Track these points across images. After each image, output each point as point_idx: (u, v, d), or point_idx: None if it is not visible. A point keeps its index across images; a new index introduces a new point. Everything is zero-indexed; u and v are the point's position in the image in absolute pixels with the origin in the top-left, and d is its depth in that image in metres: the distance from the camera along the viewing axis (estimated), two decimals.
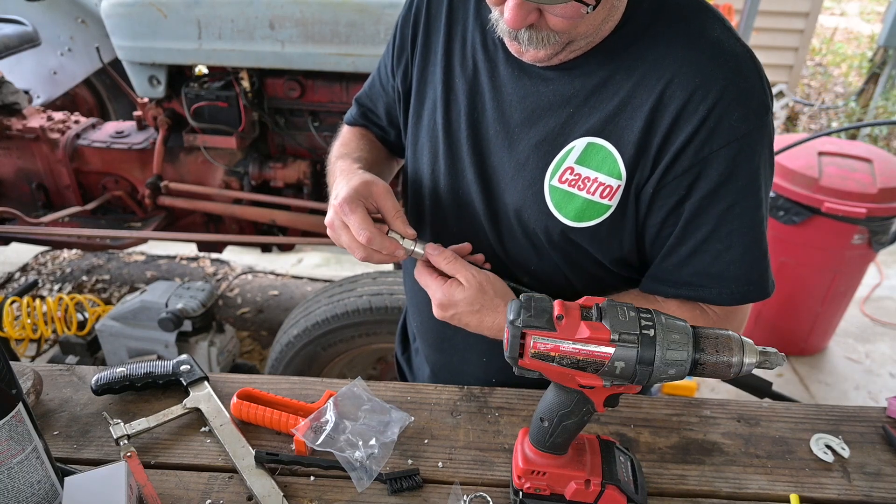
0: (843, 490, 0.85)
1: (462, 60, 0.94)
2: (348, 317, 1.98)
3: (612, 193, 0.84)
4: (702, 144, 0.79)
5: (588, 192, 0.85)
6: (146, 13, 2.16)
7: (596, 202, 0.85)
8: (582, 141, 0.84)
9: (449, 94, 0.95)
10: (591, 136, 0.83)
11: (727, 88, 0.77)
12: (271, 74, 2.29)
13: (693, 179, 0.81)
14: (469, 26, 0.94)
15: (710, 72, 0.78)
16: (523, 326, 0.68)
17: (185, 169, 2.54)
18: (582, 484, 0.77)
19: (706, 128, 0.78)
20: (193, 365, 0.99)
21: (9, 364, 0.69)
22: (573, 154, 0.85)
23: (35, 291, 3.27)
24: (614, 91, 0.82)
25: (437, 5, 0.97)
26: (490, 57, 0.92)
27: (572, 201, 0.86)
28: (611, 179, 0.83)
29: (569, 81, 0.85)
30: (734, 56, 0.79)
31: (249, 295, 3.40)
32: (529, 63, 0.86)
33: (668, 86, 0.79)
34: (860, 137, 4.94)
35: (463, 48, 0.94)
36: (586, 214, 0.86)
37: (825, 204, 2.44)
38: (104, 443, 0.89)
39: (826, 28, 7.94)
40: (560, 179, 0.86)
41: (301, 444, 0.86)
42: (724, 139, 0.78)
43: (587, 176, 0.84)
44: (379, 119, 1.13)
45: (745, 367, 0.67)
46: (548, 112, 0.86)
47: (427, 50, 0.98)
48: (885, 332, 3.13)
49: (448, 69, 0.95)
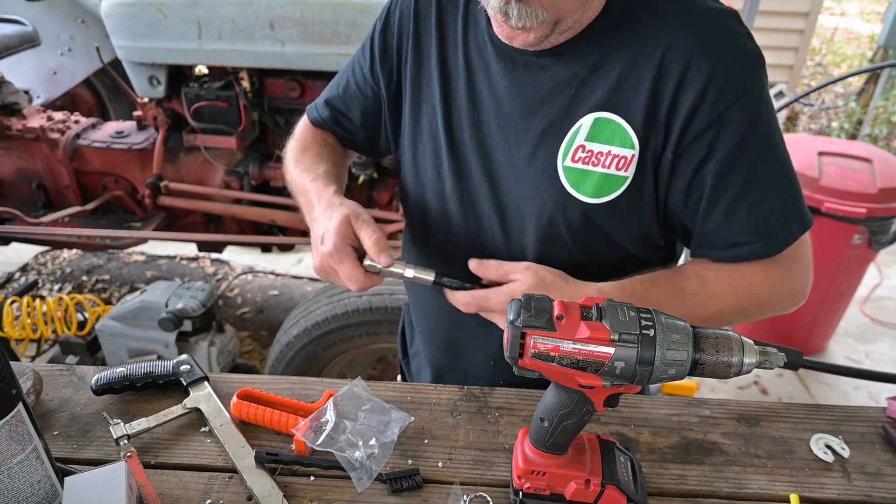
0: (843, 490, 0.85)
1: (456, 63, 0.94)
2: (348, 317, 1.98)
3: (627, 164, 0.84)
4: (714, 103, 0.80)
5: (603, 165, 0.85)
6: (146, 13, 2.16)
7: (612, 175, 0.85)
8: (588, 118, 0.84)
9: (447, 97, 0.95)
10: (597, 111, 0.84)
11: (725, 47, 0.80)
12: (271, 74, 2.29)
13: (713, 138, 0.82)
14: (459, 29, 0.94)
15: (706, 34, 0.81)
16: (523, 326, 0.68)
17: (185, 169, 2.54)
18: (582, 484, 0.77)
19: (714, 86, 0.80)
20: (193, 365, 0.99)
21: (9, 364, 0.69)
22: (582, 132, 0.85)
23: (35, 291, 3.27)
24: (612, 66, 0.83)
25: (426, 11, 0.97)
26: (483, 55, 0.92)
27: (589, 178, 0.86)
28: (624, 150, 0.84)
29: (564, 66, 0.86)
30: (723, 15, 0.82)
31: (249, 295, 3.40)
32: (521, 51, 0.86)
33: (667, 52, 0.81)
34: (860, 138, 4.94)
35: (456, 51, 0.95)
36: (605, 189, 0.86)
37: (825, 204, 2.44)
38: (104, 443, 0.89)
39: (826, 28, 7.94)
40: (573, 159, 0.86)
41: (301, 444, 0.86)
42: (734, 94, 0.80)
43: (600, 151, 0.85)
44: (351, 123, 1.10)
45: (745, 367, 0.67)
46: (549, 98, 0.87)
47: (419, 56, 0.98)
48: (885, 332, 3.13)
49: (444, 73, 0.95)
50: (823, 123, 5.44)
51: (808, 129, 5.39)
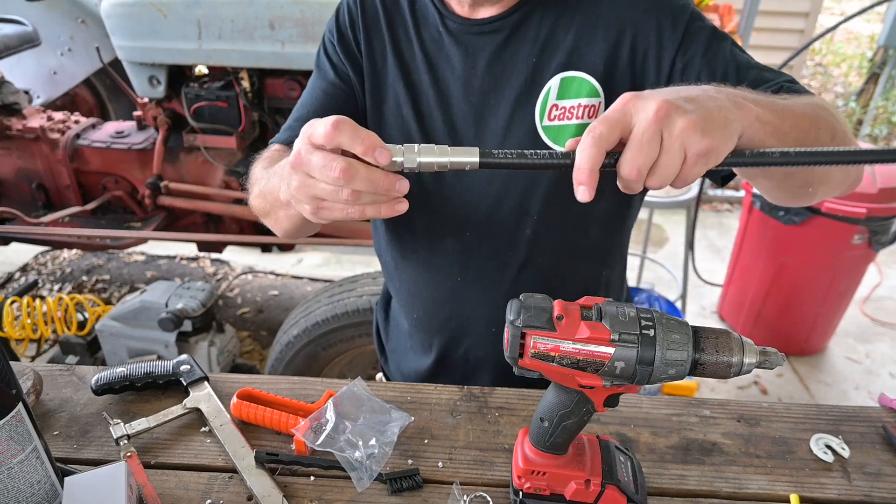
0: (843, 490, 0.85)
1: (414, 58, 0.99)
2: (348, 317, 1.98)
3: (596, 111, 0.92)
4: (672, 28, 0.89)
5: (576, 117, 0.92)
6: (146, 13, 2.16)
7: (586, 123, 0.92)
8: (555, 79, 0.92)
9: (412, 89, 0.99)
10: (561, 71, 0.92)
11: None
12: (271, 74, 2.29)
13: (689, 46, 0.89)
14: (410, 28, 0.99)
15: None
16: (523, 326, 0.68)
17: (185, 169, 2.54)
18: (582, 484, 0.77)
19: (666, 19, 0.89)
20: (193, 365, 0.99)
21: (9, 364, 0.69)
22: (552, 93, 0.93)
23: (35, 291, 3.27)
24: (566, 30, 0.92)
25: (374, 19, 1.01)
26: (440, 46, 0.97)
27: (566, 131, 0.93)
28: (592, 100, 0.92)
29: (521, 39, 0.93)
30: None
31: (249, 295, 3.40)
32: (478, 33, 0.93)
33: (612, 11, 0.90)
34: (860, 138, 4.94)
35: (411, 47, 0.99)
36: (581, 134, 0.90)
37: (825, 204, 2.44)
38: (104, 443, 0.89)
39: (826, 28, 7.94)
40: (549, 118, 0.93)
41: (301, 444, 0.86)
42: (684, 14, 0.89)
43: (571, 105, 0.92)
44: None
45: (745, 368, 0.67)
46: (514, 70, 0.94)
47: (373, 60, 1.01)
48: (885, 332, 3.13)
49: (404, 69, 0.99)
50: None
51: None
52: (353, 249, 3.54)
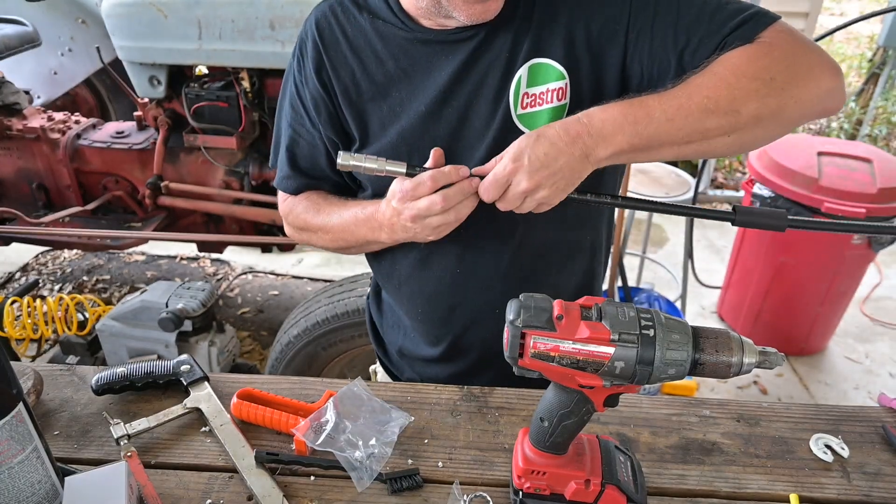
0: (843, 490, 0.85)
1: (387, 74, 0.99)
2: (348, 317, 1.98)
3: (564, 93, 0.95)
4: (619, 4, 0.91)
5: (546, 102, 0.95)
6: (146, 13, 2.16)
7: (556, 107, 0.95)
8: (524, 68, 0.94)
9: (393, 108, 0.99)
10: (528, 59, 0.94)
11: None
12: (271, 74, 2.29)
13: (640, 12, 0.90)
14: (377, 45, 0.99)
15: None
16: (523, 326, 0.68)
17: (186, 169, 2.54)
18: (582, 484, 0.77)
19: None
20: (194, 365, 0.99)
21: (9, 364, 0.69)
22: (522, 82, 0.95)
23: (35, 291, 3.27)
24: (526, 21, 0.94)
25: (334, 46, 1.01)
26: (413, 59, 0.98)
27: (540, 116, 0.96)
28: (558, 83, 0.94)
29: (494, 37, 0.95)
30: None
31: (249, 295, 3.41)
32: (455, 40, 0.95)
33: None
34: (860, 138, 4.94)
35: (381, 65, 0.99)
36: (554, 118, 0.94)
37: (825, 204, 2.44)
38: (104, 443, 0.89)
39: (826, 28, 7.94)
40: (522, 106, 0.96)
41: (301, 443, 0.86)
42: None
43: (541, 91, 0.95)
44: (327, 176, 1.12)
45: (744, 367, 0.67)
46: (491, 68, 0.95)
47: (344, 85, 1.01)
48: (885, 332, 3.13)
49: (379, 89, 1.00)
50: (823, 123, 5.44)
51: (807, 130, 5.39)
52: None
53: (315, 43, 1.02)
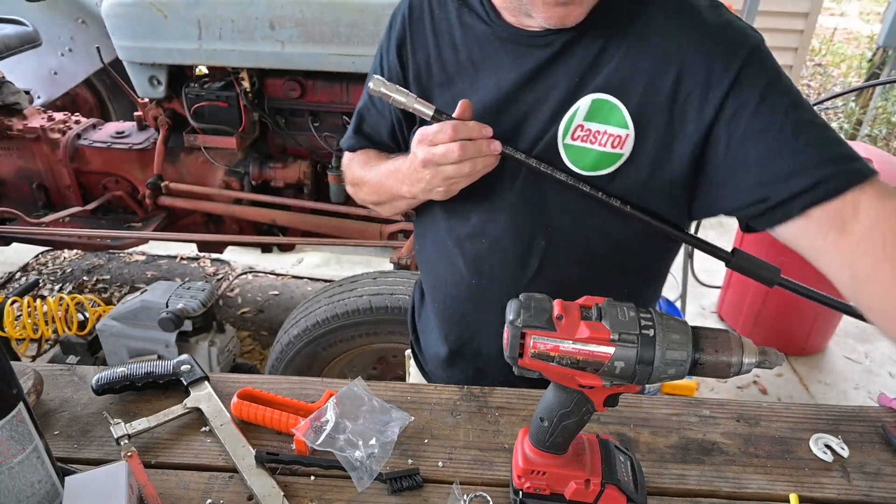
0: (843, 490, 0.85)
1: (458, 65, 0.97)
2: (348, 317, 1.98)
3: (622, 142, 0.88)
4: (724, 70, 0.82)
5: (599, 144, 0.90)
6: (146, 13, 2.16)
7: (608, 152, 0.89)
8: (586, 99, 0.89)
9: (455, 98, 0.95)
10: (595, 92, 0.88)
11: (721, 27, 0.85)
12: (271, 74, 2.29)
13: (735, 99, 0.82)
14: (456, 33, 0.97)
15: (701, 21, 0.85)
16: (523, 326, 0.68)
17: (186, 169, 2.55)
18: (582, 483, 0.77)
19: (720, 60, 0.82)
20: (194, 365, 0.99)
21: (9, 364, 0.70)
22: (580, 112, 0.90)
23: (36, 291, 3.27)
24: (613, 52, 0.87)
25: (419, 23, 1.00)
26: (486, 53, 0.95)
27: (587, 154, 0.91)
28: (619, 130, 0.88)
29: (571, 54, 0.89)
30: (714, 6, 0.87)
31: (250, 295, 3.41)
32: (530, 44, 0.90)
33: (666, 40, 0.85)
34: (860, 138, 4.94)
35: (456, 54, 0.97)
36: (601, 164, 0.90)
37: None
38: (105, 442, 0.89)
39: (826, 28, 7.93)
40: (573, 137, 0.91)
41: (301, 443, 0.86)
42: (739, 58, 0.82)
43: (597, 130, 0.89)
44: (382, 143, 1.14)
45: (744, 367, 0.67)
46: (556, 86, 0.91)
47: (417, 64, 1.01)
48: None
49: (447, 76, 0.98)
50: None
51: None
52: (353, 249, 3.54)
53: (404, 19, 1.02)
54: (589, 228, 0.96)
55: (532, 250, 0.99)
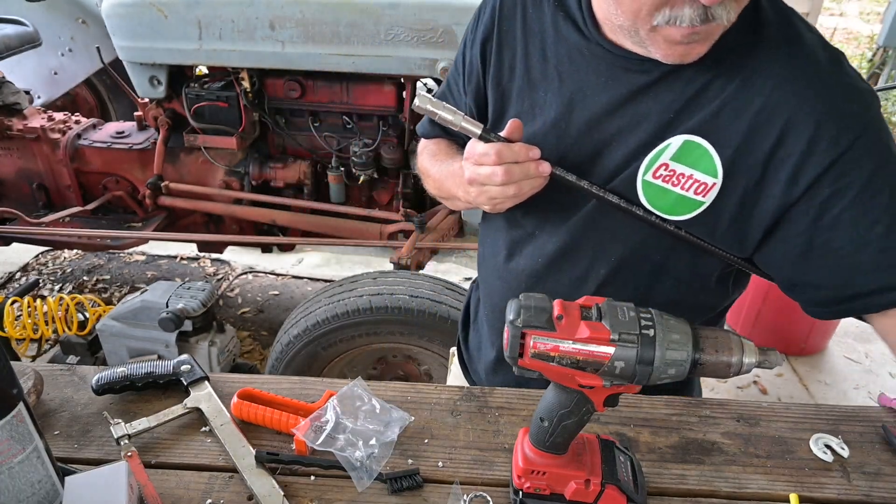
0: (843, 490, 0.85)
1: (545, 73, 0.92)
2: (348, 317, 1.98)
3: (706, 190, 0.84)
4: (832, 142, 0.77)
5: (682, 188, 0.85)
6: (147, 13, 2.16)
7: (689, 198, 0.85)
8: (679, 138, 0.84)
9: (534, 108, 0.94)
10: (688, 133, 0.83)
11: (837, 86, 0.79)
12: (272, 75, 2.29)
13: (836, 177, 0.78)
14: (548, 39, 0.92)
15: (815, 76, 0.79)
16: (523, 326, 0.68)
17: (186, 169, 2.55)
18: (582, 483, 0.77)
19: (829, 127, 0.77)
20: (194, 365, 0.99)
21: (9, 364, 0.69)
22: (669, 150, 0.84)
23: (36, 291, 3.27)
24: (715, 94, 0.82)
25: (510, 23, 0.95)
26: (578, 67, 0.90)
27: (666, 196, 0.86)
28: (706, 177, 0.83)
29: (668, 88, 0.84)
30: (832, 59, 0.81)
31: (250, 295, 3.40)
32: (626, 69, 0.85)
33: (775, 91, 0.79)
34: None
35: (545, 62, 0.92)
36: (678, 209, 0.86)
37: None
38: (105, 442, 0.89)
39: (826, 28, 7.93)
40: (654, 175, 0.86)
41: (301, 443, 0.86)
42: (854, 131, 0.77)
43: (682, 172, 0.84)
44: (455, 133, 1.13)
45: (744, 367, 0.67)
46: (647, 119, 0.85)
47: (501, 65, 0.97)
48: None
49: (530, 83, 0.94)
50: None
51: None
52: (353, 249, 3.54)
53: (493, 12, 0.96)
54: (653, 263, 0.93)
55: (590, 276, 0.96)
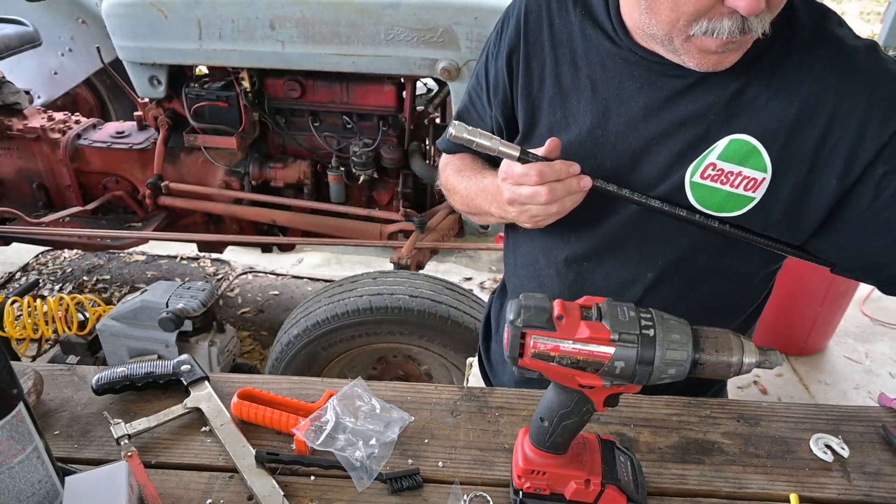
0: (843, 490, 0.85)
1: (577, 81, 0.92)
2: (348, 317, 1.98)
3: (756, 186, 0.84)
4: (882, 124, 0.78)
5: (731, 185, 0.85)
6: (147, 13, 2.16)
7: (739, 194, 0.85)
8: (724, 139, 0.84)
9: (567, 117, 0.93)
10: (735, 133, 0.83)
11: (877, 73, 0.79)
12: (272, 74, 2.29)
13: (890, 156, 0.78)
14: (578, 47, 0.92)
15: (856, 65, 0.80)
16: (523, 326, 0.68)
17: (186, 169, 2.55)
18: (582, 483, 0.77)
19: (877, 111, 0.78)
20: (194, 365, 0.99)
21: (9, 364, 0.69)
22: (715, 151, 0.85)
23: (36, 291, 3.27)
24: (756, 92, 0.82)
25: (536, 33, 0.94)
26: (611, 73, 0.89)
27: (715, 195, 0.86)
28: (755, 173, 0.83)
29: (705, 91, 0.84)
30: (868, 48, 0.81)
31: (250, 295, 3.40)
32: (661, 73, 0.85)
33: (816, 84, 0.80)
34: None
35: (575, 71, 0.92)
36: (727, 206, 0.86)
37: None
38: (105, 442, 0.89)
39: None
40: (702, 175, 0.86)
41: (301, 443, 0.86)
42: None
43: (730, 170, 0.84)
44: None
45: (744, 367, 0.67)
46: (685, 123, 0.86)
47: (530, 77, 0.96)
48: (885, 332, 3.13)
49: (562, 94, 0.93)
50: None
51: None
52: (353, 249, 3.54)
53: (518, 24, 0.95)
54: (700, 265, 0.93)
55: (636, 281, 0.96)
